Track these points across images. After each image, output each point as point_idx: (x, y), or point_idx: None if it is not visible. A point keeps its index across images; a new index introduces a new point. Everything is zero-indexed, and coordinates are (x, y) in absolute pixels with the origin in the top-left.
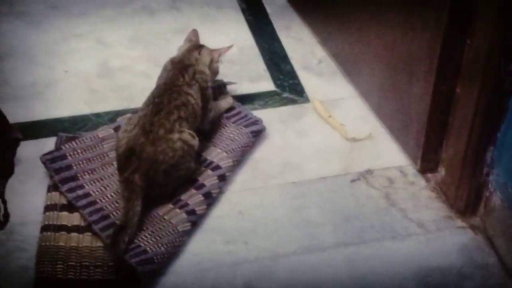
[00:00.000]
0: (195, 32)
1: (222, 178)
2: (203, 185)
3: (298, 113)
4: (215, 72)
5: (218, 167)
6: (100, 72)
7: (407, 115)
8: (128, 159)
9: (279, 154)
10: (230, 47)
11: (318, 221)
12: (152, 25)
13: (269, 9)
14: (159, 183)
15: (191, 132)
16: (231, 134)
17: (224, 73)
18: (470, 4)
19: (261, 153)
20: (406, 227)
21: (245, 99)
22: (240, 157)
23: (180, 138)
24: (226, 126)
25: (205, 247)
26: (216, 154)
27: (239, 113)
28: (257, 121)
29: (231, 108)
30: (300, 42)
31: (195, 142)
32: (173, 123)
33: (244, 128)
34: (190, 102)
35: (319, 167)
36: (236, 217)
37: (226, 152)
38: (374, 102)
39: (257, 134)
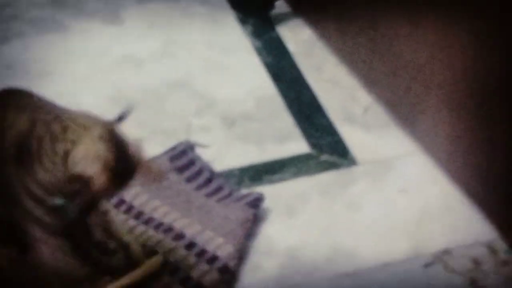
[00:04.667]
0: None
1: (225, 270)
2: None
3: (344, 180)
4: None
5: (214, 257)
6: None
7: (490, 172)
8: None
9: (324, 236)
10: None
11: None
12: (139, 80)
13: (292, 47)
14: None
15: None
16: (222, 212)
17: (239, 133)
18: None
19: (301, 237)
20: None
21: (270, 166)
22: (244, 238)
23: None
24: (211, 205)
25: None
26: (208, 238)
27: (221, 189)
28: (249, 193)
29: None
30: (337, 87)
31: None
32: None
33: (236, 202)
34: None
35: (380, 250)
36: None
37: (222, 235)
38: (442, 158)
39: (256, 204)
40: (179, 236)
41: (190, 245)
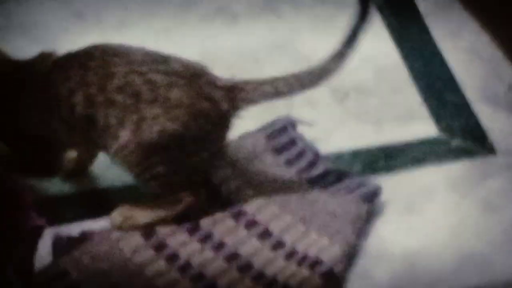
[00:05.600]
0: None
1: (330, 276)
2: None
3: (479, 173)
4: None
5: (317, 261)
6: None
7: None
8: None
9: (451, 241)
10: None
11: None
12: (233, 37)
13: (422, 6)
14: None
15: None
16: (328, 206)
17: (352, 109)
18: None
19: (421, 240)
20: None
21: (389, 151)
22: (353, 239)
23: None
24: (315, 195)
25: None
26: (311, 241)
27: (327, 175)
28: (364, 182)
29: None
30: (476, 57)
31: None
32: None
33: (347, 194)
34: None
35: None
36: None
37: (328, 235)
38: None
39: (371, 199)
40: (278, 244)
41: (291, 254)
